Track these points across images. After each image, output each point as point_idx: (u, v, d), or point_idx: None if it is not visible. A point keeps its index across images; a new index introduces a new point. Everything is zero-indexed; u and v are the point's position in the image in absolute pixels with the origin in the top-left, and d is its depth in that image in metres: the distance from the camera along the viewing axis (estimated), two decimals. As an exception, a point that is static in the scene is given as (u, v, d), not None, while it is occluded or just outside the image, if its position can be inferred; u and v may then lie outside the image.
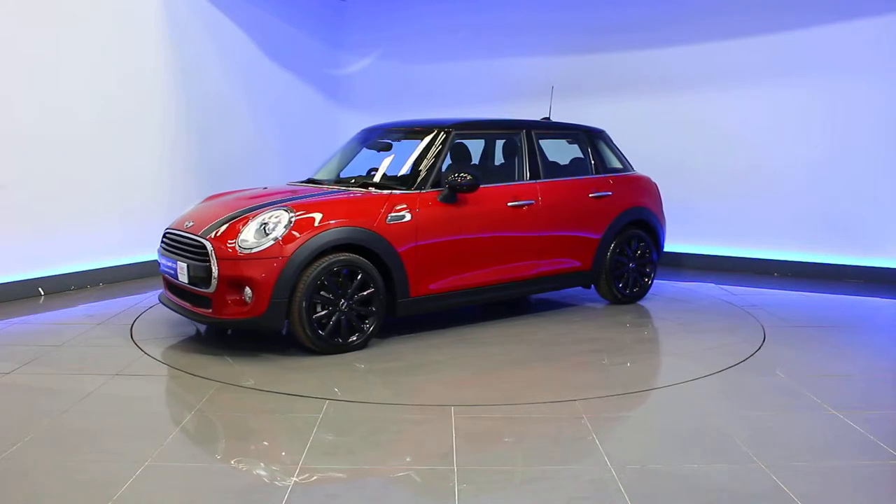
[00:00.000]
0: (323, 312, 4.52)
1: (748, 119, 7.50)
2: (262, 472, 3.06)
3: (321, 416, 3.62)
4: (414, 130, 5.60)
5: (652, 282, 6.29)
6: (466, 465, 3.08)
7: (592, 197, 5.86)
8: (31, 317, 5.65)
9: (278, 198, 4.92)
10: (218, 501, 2.82)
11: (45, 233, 6.30)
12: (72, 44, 6.38)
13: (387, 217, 4.77)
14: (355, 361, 4.51)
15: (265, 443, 3.42)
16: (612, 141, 6.38)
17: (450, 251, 5.05)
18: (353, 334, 4.65)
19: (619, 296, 6.04)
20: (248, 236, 4.48)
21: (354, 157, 5.87)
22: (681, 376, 4.25)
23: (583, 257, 5.81)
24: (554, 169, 5.88)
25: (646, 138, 7.93)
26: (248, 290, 4.42)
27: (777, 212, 7.44)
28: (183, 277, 4.67)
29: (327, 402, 3.80)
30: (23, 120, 6.08)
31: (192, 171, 7.57)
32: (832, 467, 3.10)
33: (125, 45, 6.83)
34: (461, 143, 5.65)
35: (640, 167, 7.90)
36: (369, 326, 4.71)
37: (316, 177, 5.75)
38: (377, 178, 5.29)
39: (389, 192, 4.95)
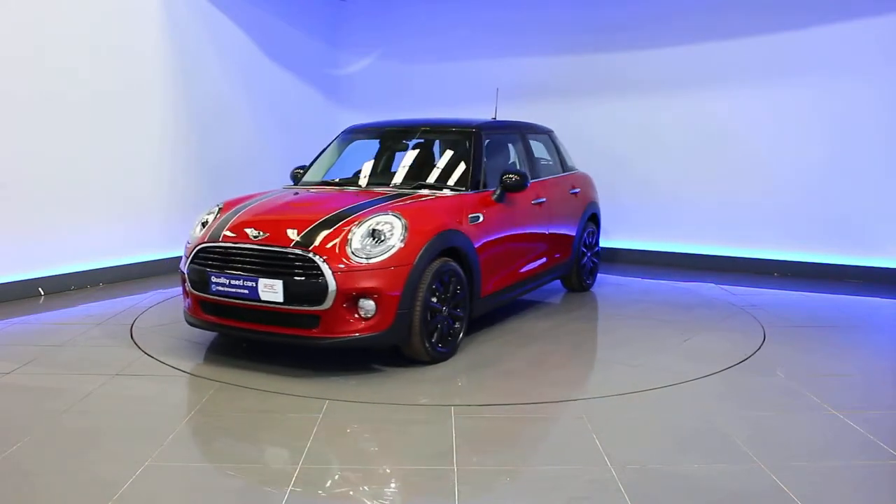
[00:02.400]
0: (431, 320, 4.33)
1: (748, 119, 7.49)
2: (263, 473, 3.06)
3: (321, 416, 3.62)
4: (442, 131, 5.62)
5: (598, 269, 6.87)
6: (466, 465, 3.08)
7: (571, 193, 6.28)
8: (31, 317, 5.64)
9: (354, 202, 4.57)
10: (218, 501, 2.82)
11: (45, 233, 6.30)
12: (71, 44, 6.38)
13: (468, 218, 4.76)
14: (453, 372, 4.37)
15: (265, 443, 3.42)
16: (559, 140, 6.70)
17: (504, 249, 5.16)
18: (447, 339, 4.49)
19: (584, 283, 6.53)
20: (360, 245, 4.13)
21: (356, 159, 5.79)
22: (681, 376, 4.24)
23: (567, 249, 6.17)
24: (541, 168, 6.09)
25: (646, 138, 7.94)
26: (368, 304, 4.07)
27: (777, 212, 7.43)
28: (273, 296, 4.11)
29: (327, 402, 3.80)
30: (22, 120, 6.07)
31: (193, 171, 7.57)
32: (832, 467, 3.09)
33: (125, 45, 6.83)
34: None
35: (640, 167, 7.91)
36: (460, 330, 4.59)
37: (327, 179, 5.57)
38: (451, 181, 5.11)
39: (460, 193, 4.94)
